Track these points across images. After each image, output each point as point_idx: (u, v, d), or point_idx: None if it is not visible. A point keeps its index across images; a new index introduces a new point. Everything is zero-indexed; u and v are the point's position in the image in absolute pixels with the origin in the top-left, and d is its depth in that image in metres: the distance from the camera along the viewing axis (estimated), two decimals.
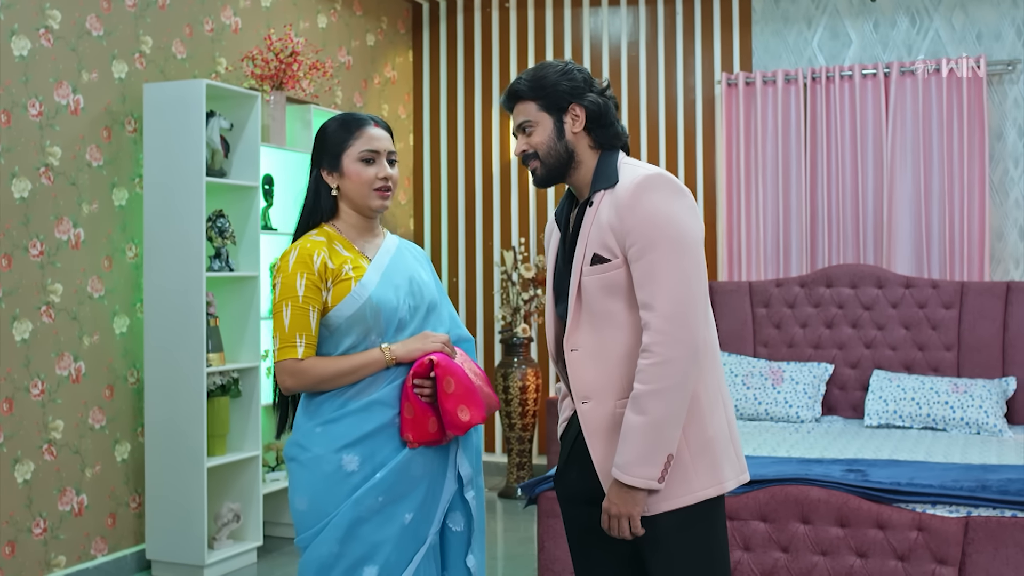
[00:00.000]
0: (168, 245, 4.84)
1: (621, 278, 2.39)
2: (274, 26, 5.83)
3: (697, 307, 2.34)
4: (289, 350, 2.55)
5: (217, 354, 4.92)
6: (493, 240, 7.10)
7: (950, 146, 6.02)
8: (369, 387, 2.59)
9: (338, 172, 2.65)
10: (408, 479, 2.59)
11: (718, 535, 2.47)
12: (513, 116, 2.56)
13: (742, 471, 2.49)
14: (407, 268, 2.72)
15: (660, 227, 2.34)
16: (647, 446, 2.32)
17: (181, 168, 4.83)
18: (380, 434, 2.58)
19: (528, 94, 2.51)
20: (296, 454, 2.62)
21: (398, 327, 2.63)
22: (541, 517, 4.31)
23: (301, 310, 2.55)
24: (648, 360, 2.31)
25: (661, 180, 2.39)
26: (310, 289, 2.56)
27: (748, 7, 6.58)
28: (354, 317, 2.57)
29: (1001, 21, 6.08)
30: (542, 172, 2.53)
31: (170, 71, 5.14)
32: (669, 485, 2.38)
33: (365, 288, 2.59)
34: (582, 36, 6.96)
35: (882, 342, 5.83)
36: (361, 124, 2.67)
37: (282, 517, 5.57)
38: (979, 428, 5.26)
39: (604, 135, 2.51)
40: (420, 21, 7.31)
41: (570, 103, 2.49)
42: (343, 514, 2.54)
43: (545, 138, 2.49)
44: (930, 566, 3.81)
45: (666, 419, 2.31)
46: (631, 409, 2.34)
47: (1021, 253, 6.04)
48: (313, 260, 2.57)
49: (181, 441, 4.81)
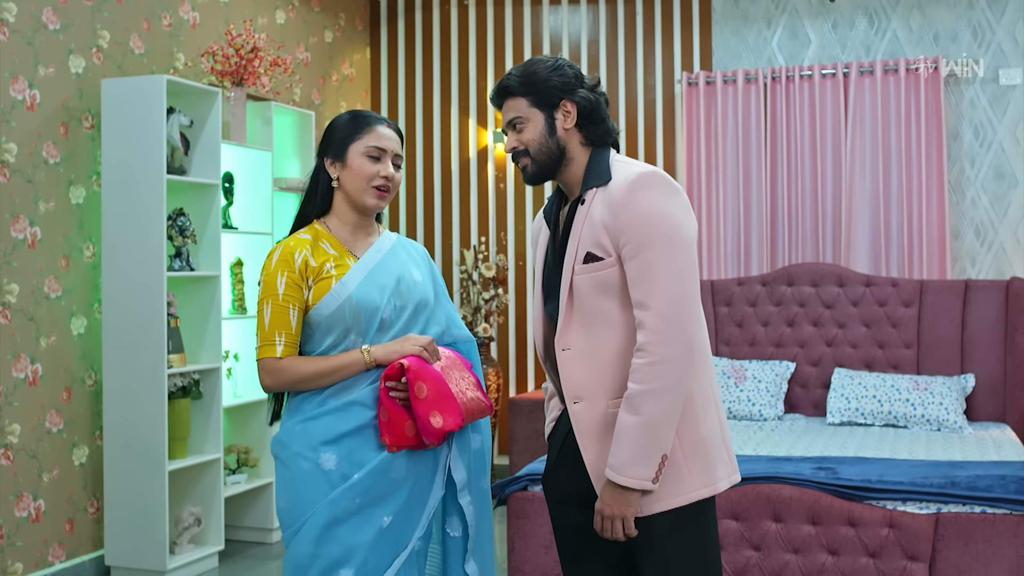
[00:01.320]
0: (127, 244, 4.74)
1: (614, 277, 2.36)
2: (232, 21, 5.74)
3: (692, 306, 2.32)
4: (268, 348, 2.54)
5: (178, 355, 4.83)
6: (452, 239, 7.05)
7: (908, 146, 6.08)
8: (348, 387, 2.56)
9: (341, 163, 2.63)
10: (387, 482, 2.54)
11: (710, 535, 2.46)
12: (503, 112, 2.52)
13: (734, 471, 2.47)
14: (398, 267, 2.67)
15: (655, 225, 2.31)
16: (641, 446, 2.30)
17: (141, 165, 4.72)
18: (358, 435, 2.54)
19: (518, 89, 2.47)
20: (278, 452, 2.60)
21: (381, 327, 2.58)
22: (511, 518, 4.28)
23: (281, 308, 2.54)
24: (643, 359, 2.29)
25: (656, 178, 2.36)
26: (290, 287, 2.55)
27: (708, 7, 6.60)
28: (333, 316, 2.55)
29: (957, 22, 6.15)
30: (533, 169, 2.49)
31: (128, 66, 5.03)
32: (662, 486, 2.35)
33: (345, 287, 2.56)
34: (542, 34, 6.93)
35: (843, 340, 5.88)
36: (373, 121, 2.66)
37: (243, 520, 5.49)
38: (940, 425, 5.32)
39: (595, 131, 2.48)
40: (378, 18, 7.24)
41: (561, 99, 2.45)
42: (318, 514, 2.50)
43: (536, 135, 2.46)
44: (901, 562, 3.84)
45: (661, 419, 2.29)
46: (625, 409, 2.31)
47: (977, 252, 6.12)
48: (294, 258, 2.56)
49: (141, 444, 4.70)
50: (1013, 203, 6.06)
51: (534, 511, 4.25)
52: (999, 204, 6.09)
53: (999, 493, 3.81)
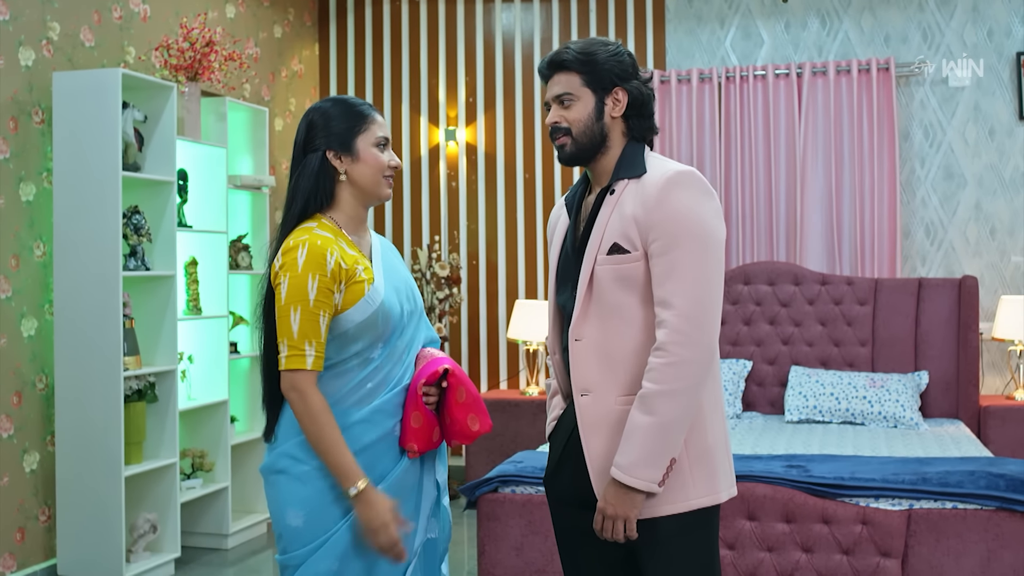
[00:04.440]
0: (80, 243, 4.59)
1: (638, 272, 2.31)
2: (184, 15, 5.60)
3: (715, 311, 2.29)
4: (297, 359, 2.35)
5: (133, 357, 4.69)
6: (404, 238, 6.97)
7: (860, 146, 6.14)
8: (372, 393, 2.43)
9: (350, 156, 2.48)
10: (404, 490, 2.47)
11: (714, 543, 2.43)
12: (550, 85, 2.43)
13: (732, 484, 2.43)
14: (399, 269, 2.58)
15: (687, 225, 2.27)
16: (653, 448, 2.26)
17: (94, 162, 4.58)
18: (379, 444, 2.43)
19: (575, 65, 2.39)
20: (287, 466, 2.43)
21: (396, 333, 2.48)
22: (481, 520, 4.22)
23: (311, 315, 2.35)
24: (662, 359, 2.25)
25: (692, 178, 2.32)
26: (322, 293, 2.36)
27: (662, 6, 6.61)
28: (365, 323, 2.40)
29: (908, 24, 6.23)
30: (571, 150, 2.41)
31: (78, 60, 4.87)
32: (665, 491, 2.32)
33: (378, 292, 2.43)
34: (495, 32, 6.88)
35: (799, 338, 5.92)
36: (369, 109, 2.54)
37: (199, 527, 5.35)
38: (896, 422, 5.38)
39: (640, 125, 2.43)
40: (327, 13, 7.12)
41: (615, 86, 2.39)
42: (345, 530, 2.39)
43: (583, 116, 2.39)
44: (874, 559, 3.86)
45: (675, 421, 2.25)
46: (639, 408, 2.27)
47: (927, 251, 6.21)
48: (327, 260, 2.37)
49: (95, 449, 4.56)
50: (962, 203, 6.16)
51: (504, 513, 4.19)
52: (948, 204, 6.18)
53: (970, 488, 3.85)
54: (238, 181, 5.49)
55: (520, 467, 4.28)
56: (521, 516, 4.17)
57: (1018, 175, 6.09)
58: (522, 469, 4.26)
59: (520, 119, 6.83)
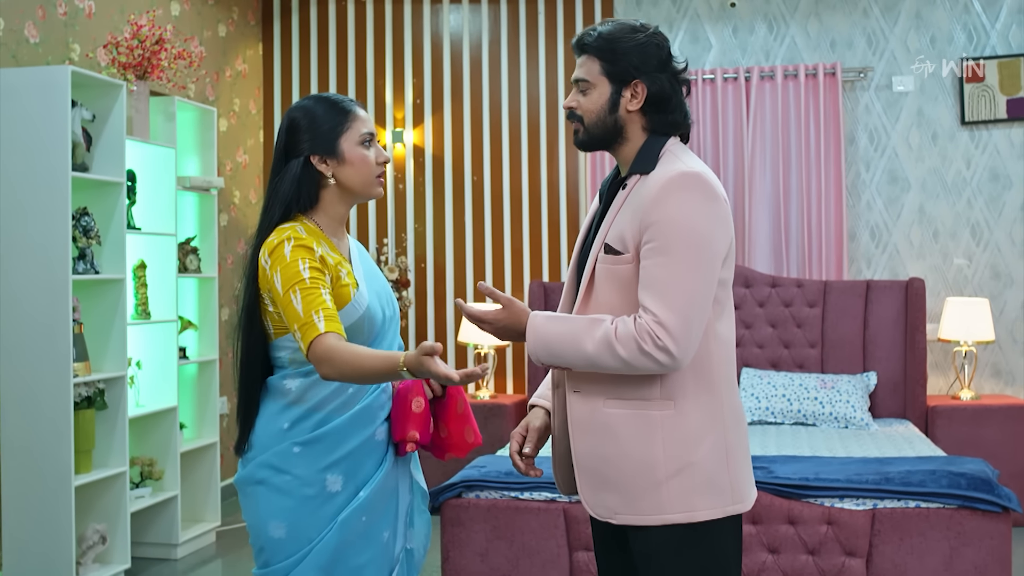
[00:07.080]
0: (27, 246, 4.44)
1: (629, 274, 2.22)
2: (130, 12, 5.46)
3: (695, 325, 2.17)
4: (309, 329, 2.24)
5: (82, 363, 4.55)
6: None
7: (807, 150, 6.22)
8: (354, 397, 2.38)
9: (335, 158, 2.41)
10: (385, 494, 2.43)
11: (717, 565, 2.28)
12: (577, 65, 2.34)
13: (733, 502, 2.27)
14: (376, 274, 2.54)
15: (677, 231, 2.16)
16: (562, 348, 2.20)
17: (42, 162, 4.43)
18: (361, 448, 2.38)
19: (594, 51, 2.30)
20: (267, 477, 2.36)
21: (378, 337, 2.44)
22: (445, 526, 4.19)
23: (310, 290, 2.27)
24: (635, 332, 2.15)
25: (695, 180, 2.20)
26: (315, 271, 2.30)
27: (610, 8, 6.62)
28: (351, 329, 2.35)
29: (853, 30, 6.33)
30: (583, 137, 2.35)
31: (23, 57, 4.72)
32: (638, 498, 2.23)
33: (363, 297, 2.38)
34: (441, 32, 6.84)
35: (750, 340, 5.97)
36: (351, 105, 2.46)
37: (149, 537, 5.22)
38: (847, 422, 5.45)
39: (659, 120, 2.31)
40: (271, 12, 7.01)
41: (635, 78, 2.28)
42: (329, 538, 2.34)
43: (596, 106, 2.30)
44: (840, 559, 3.90)
45: (589, 361, 2.18)
46: (596, 327, 2.18)
47: (873, 253, 6.31)
48: (314, 249, 2.33)
49: (43, 459, 4.41)
50: (906, 206, 6.27)
51: (469, 518, 4.16)
52: (893, 207, 6.28)
53: (932, 487, 3.91)
54: (187, 182, 5.37)
55: (484, 472, 4.25)
56: (486, 521, 4.14)
57: (960, 179, 6.21)
58: (486, 474, 4.23)
59: (468, 121, 6.79)
